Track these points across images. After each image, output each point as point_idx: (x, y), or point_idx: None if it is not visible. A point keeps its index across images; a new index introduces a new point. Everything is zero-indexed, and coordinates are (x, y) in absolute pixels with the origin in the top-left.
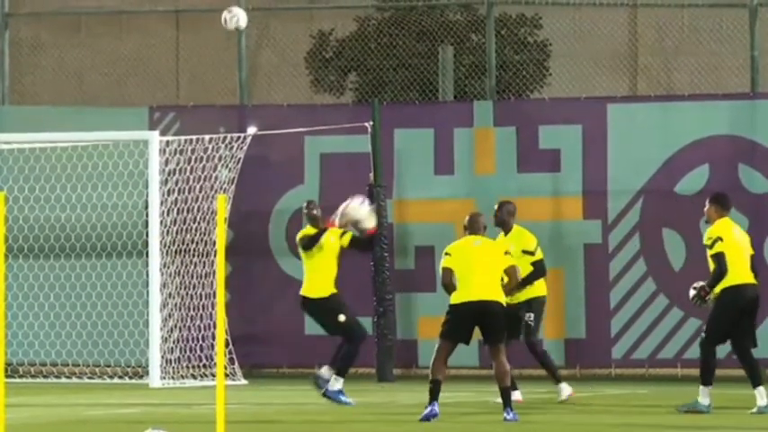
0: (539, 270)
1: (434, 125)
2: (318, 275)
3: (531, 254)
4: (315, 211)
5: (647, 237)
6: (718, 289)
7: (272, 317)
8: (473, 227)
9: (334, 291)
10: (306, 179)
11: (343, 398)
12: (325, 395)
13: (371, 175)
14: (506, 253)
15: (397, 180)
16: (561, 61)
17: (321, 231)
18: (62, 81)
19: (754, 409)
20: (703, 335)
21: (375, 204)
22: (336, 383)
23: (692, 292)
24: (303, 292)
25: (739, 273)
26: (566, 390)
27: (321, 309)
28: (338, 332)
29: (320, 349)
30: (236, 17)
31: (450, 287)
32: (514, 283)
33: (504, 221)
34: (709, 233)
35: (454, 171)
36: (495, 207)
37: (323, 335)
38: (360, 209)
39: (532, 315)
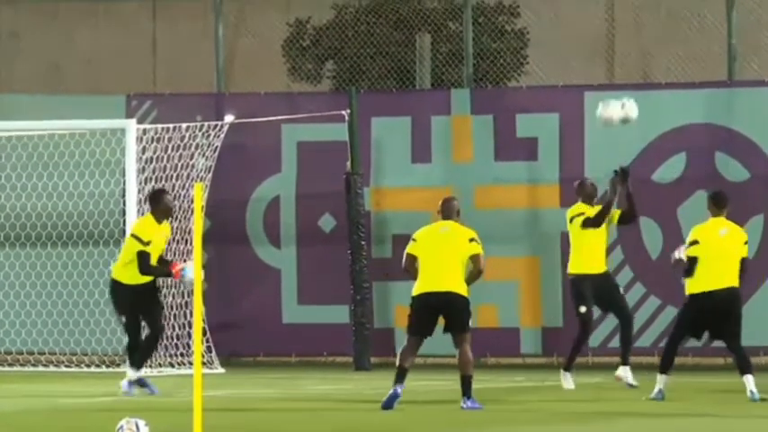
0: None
1: (412, 113)
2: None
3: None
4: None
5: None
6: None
7: (249, 305)
8: (445, 211)
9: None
10: (283, 167)
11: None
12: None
13: (348, 163)
14: (471, 240)
15: (375, 168)
16: (539, 49)
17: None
18: (39, 69)
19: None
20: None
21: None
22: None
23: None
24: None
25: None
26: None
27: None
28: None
29: (297, 338)
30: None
31: (411, 273)
32: (476, 272)
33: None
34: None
35: (431, 159)
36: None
37: (301, 323)
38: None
39: None
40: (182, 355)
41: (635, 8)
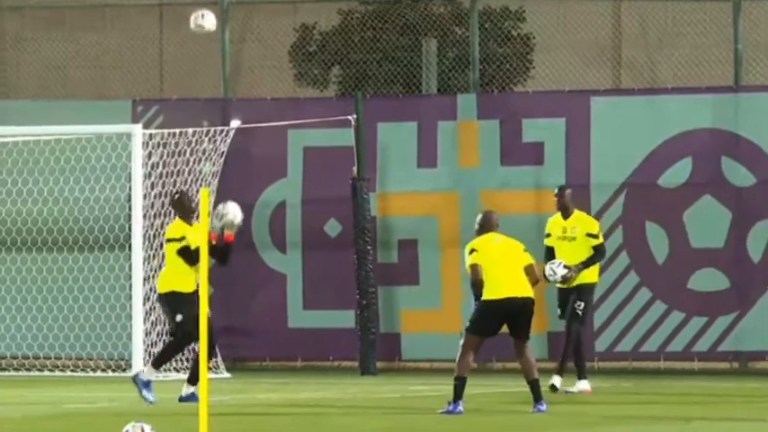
0: (600, 253)
1: (418, 118)
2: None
3: (595, 237)
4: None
5: (630, 230)
6: None
7: (254, 310)
8: (488, 224)
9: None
10: (289, 173)
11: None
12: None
13: (355, 168)
14: (525, 251)
15: (381, 173)
16: (545, 54)
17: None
18: (45, 75)
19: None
20: None
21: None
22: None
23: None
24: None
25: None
26: (583, 385)
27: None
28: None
29: (303, 342)
30: (202, 17)
31: (480, 283)
32: (533, 283)
33: (566, 206)
34: None
35: (437, 164)
36: (556, 192)
37: (306, 328)
38: (236, 212)
39: (582, 304)
40: (187, 359)
41: (641, 13)
